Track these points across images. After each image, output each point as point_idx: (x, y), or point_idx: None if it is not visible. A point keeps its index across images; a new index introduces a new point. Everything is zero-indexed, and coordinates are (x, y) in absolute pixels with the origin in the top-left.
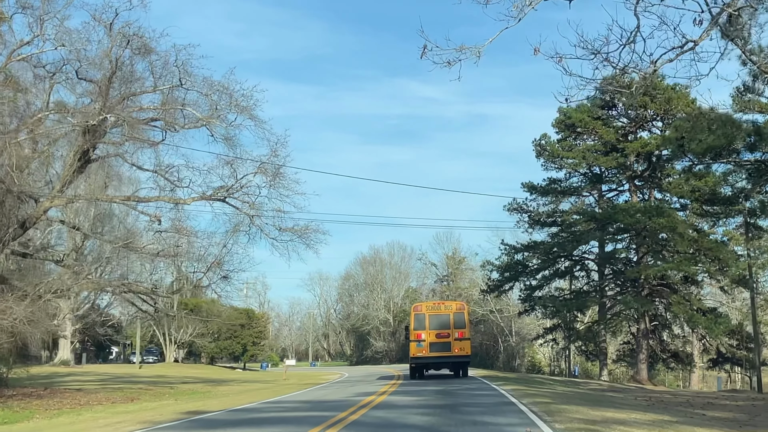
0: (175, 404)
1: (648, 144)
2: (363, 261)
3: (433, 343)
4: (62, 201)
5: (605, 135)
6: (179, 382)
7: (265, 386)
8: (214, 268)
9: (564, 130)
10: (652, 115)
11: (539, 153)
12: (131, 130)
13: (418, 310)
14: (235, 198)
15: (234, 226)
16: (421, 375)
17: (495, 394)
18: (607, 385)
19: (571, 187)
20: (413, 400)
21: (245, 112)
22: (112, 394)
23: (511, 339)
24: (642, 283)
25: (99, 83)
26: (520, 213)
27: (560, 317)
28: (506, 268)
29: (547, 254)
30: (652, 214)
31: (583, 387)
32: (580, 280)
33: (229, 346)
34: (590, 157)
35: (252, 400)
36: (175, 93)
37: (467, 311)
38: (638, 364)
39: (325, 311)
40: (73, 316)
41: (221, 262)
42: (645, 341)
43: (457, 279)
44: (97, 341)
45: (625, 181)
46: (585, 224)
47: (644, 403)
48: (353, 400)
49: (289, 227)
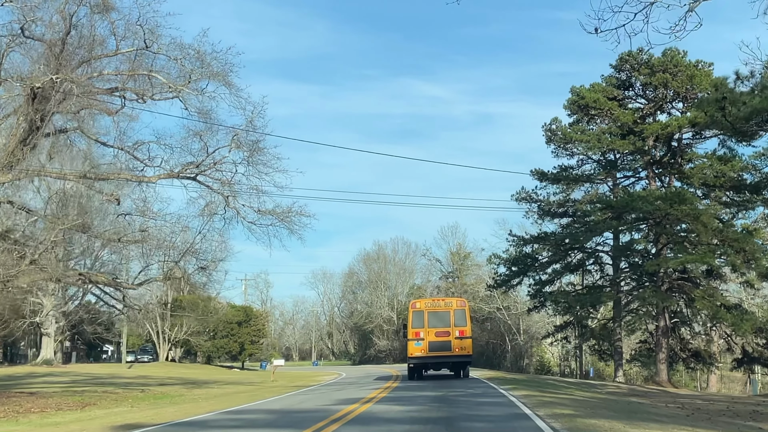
0: (126, 413)
1: (669, 125)
2: (366, 258)
3: (433, 342)
4: (6, 177)
5: (621, 116)
6: (157, 384)
7: (246, 389)
8: (188, 257)
9: (577, 112)
10: (672, 95)
11: (549, 138)
12: (87, 97)
13: (416, 307)
14: (207, 176)
15: (205, 204)
16: (420, 376)
17: (503, 402)
18: (626, 387)
19: (584, 175)
20: (402, 411)
21: (218, 78)
22: (67, 399)
23: (519, 338)
24: (661, 276)
25: (51, 44)
26: (528, 202)
27: (572, 314)
28: (514, 261)
29: (559, 246)
30: (673, 201)
31: (601, 390)
32: (593, 274)
33: (226, 344)
34: (605, 140)
35: (214, 408)
36: (143, 60)
37: (468, 308)
38: (657, 364)
39: (329, 310)
40: (57, 313)
41: (196, 251)
42: (665, 340)
43: (462, 275)
44: (86, 340)
45: (643, 168)
46: (600, 213)
47: (680, 412)
48: (329, 410)
49: (269, 209)
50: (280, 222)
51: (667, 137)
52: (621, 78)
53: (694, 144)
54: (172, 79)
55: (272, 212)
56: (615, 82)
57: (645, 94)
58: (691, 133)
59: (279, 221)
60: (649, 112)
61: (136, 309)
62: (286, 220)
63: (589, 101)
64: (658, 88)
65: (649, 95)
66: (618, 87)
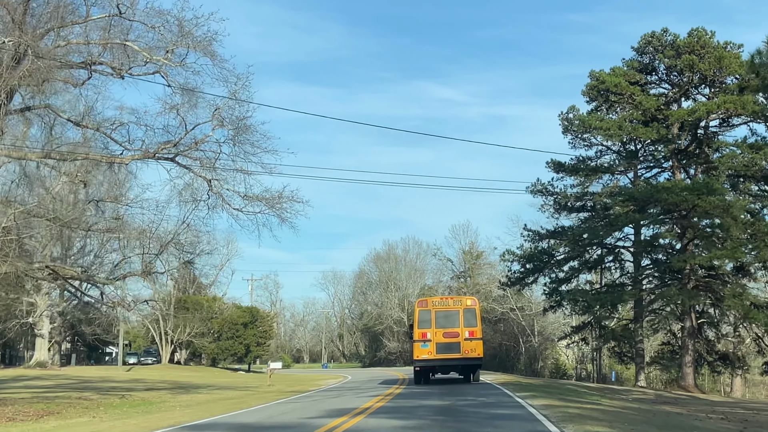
0: (80, 425)
1: (696, 110)
2: (377, 257)
3: (440, 344)
4: None
5: (645, 102)
6: (144, 389)
7: (236, 395)
8: (171, 249)
9: (596, 98)
10: (698, 79)
11: (566, 128)
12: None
13: (423, 306)
14: (187, 156)
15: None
16: (427, 380)
17: (522, 414)
18: (653, 393)
19: (603, 166)
20: (396, 428)
21: (200, 47)
22: (30, 407)
23: (533, 339)
24: (687, 274)
25: (10, 8)
26: (544, 195)
27: (592, 314)
28: (529, 258)
29: (576, 242)
30: (701, 192)
31: (627, 397)
32: (612, 272)
33: (231, 346)
34: (627, 128)
35: (181, 420)
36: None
37: (479, 307)
38: (683, 367)
39: (340, 311)
40: (52, 313)
41: (180, 242)
42: (691, 341)
43: (474, 275)
44: (86, 341)
45: (667, 158)
46: (622, 205)
47: (729, 426)
48: (307, 426)
49: (256, 194)
50: (270, 209)
51: (693, 124)
52: (643, 61)
53: (722, 132)
54: (153, 53)
55: (260, 198)
56: (637, 65)
57: (669, 78)
58: (718, 120)
59: (268, 208)
60: (673, 98)
61: (110, 306)
62: (276, 207)
63: (609, 85)
64: (683, 71)
65: (673, 80)
66: (640, 71)
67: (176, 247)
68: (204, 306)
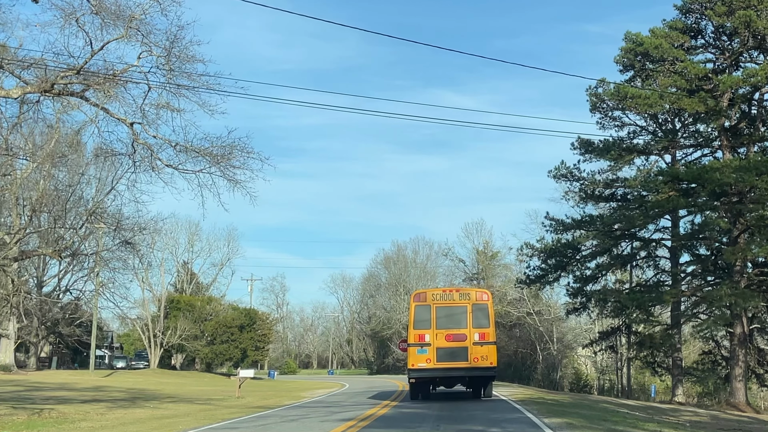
0: None
1: (753, 75)
2: (386, 259)
3: (442, 349)
4: None
5: (691, 68)
6: (85, 401)
7: (188, 411)
8: (94, 221)
9: (632, 65)
10: (753, 42)
11: (594, 105)
12: None
13: (420, 300)
14: (102, 90)
15: (84, 123)
16: (426, 394)
17: None
18: (706, 413)
19: (638, 146)
20: None
21: None
22: None
23: (551, 347)
24: (738, 271)
25: None
26: (569, 181)
27: (625, 316)
28: (551, 252)
29: (607, 234)
30: (761, 172)
31: (678, 418)
32: (644, 269)
33: (226, 350)
34: (669, 97)
35: None
36: None
37: (492, 303)
38: (733, 381)
39: (349, 316)
40: (19, 311)
41: (107, 213)
42: (742, 350)
43: (489, 277)
44: (69, 344)
45: (715, 135)
46: (666, 187)
47: None
48: None
49: (196, 147)
50: (215, 166)
51: (746, 97)
52: (687, 23)
53: None
54: None
55: (202, 150)
56: (681, 26)
57: (718, 42)
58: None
59: (212, 165)
60: (721, 67)
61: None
62: (224, 164)
63: (649, 48)
64: (736, 32)
65: (723, 44)
66: (684, 32)
67: (99, 219)
68: (197, 307)
